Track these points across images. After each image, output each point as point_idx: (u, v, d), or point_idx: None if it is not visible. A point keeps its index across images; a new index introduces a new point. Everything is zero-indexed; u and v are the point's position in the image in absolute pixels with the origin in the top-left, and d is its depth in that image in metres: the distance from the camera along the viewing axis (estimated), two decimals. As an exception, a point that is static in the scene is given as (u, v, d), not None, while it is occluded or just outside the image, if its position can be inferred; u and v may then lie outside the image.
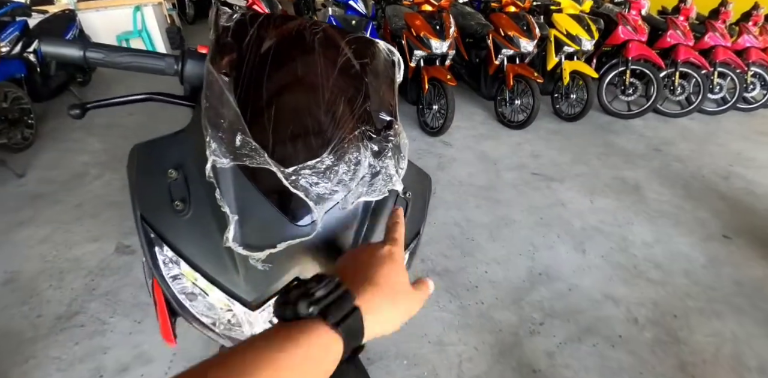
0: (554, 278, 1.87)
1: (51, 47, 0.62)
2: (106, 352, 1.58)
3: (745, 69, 3.55)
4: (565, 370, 1.47)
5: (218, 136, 0.49)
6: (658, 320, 1.69)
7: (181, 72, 0.63)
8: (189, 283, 0.53)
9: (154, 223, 0.53)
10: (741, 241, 2.16)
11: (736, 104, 3.72)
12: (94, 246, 2.12)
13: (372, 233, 0.55)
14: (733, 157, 3.02)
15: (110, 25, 4.75)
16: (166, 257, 0.52)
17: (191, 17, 7.03)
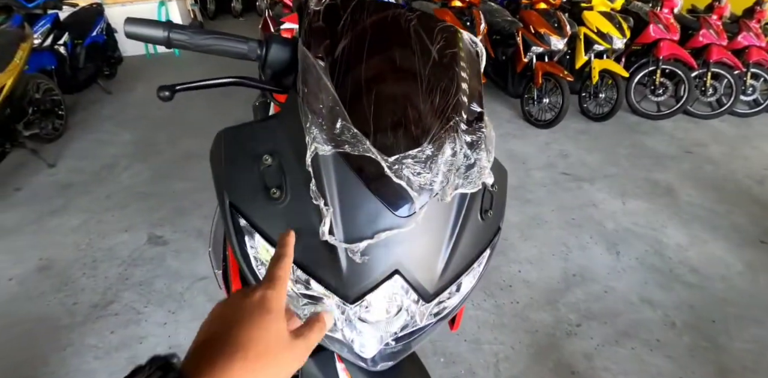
0: (589, 280, 1.85)
1: (135, 28, 0.61)
2: (141, 341, 1.60)
3: (781, 70, 3.45)
4: (604, 372, 1.45)
5: (318, 122, 0.48)
6: (696, 325, 1.66)
7: (264, 57, 0.62)
8: None
9: (246, 210, 0.52)
10: None
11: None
12: (125, 236, 2.14)
13: (465, 227, 0.54)
14: (765, 161, 2.94)
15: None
16: (258, 246, 0.52)
17: (212, 12, 7.07)
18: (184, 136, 3.12)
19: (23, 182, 2.62)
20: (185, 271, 1.92)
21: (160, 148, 2.97)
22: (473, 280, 0.60)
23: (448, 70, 0.58)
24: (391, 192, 0.48)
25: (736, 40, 3.46)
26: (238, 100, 3.79)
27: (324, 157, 0.48)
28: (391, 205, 0.48)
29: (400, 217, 0.48)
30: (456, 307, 0.61)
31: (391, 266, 0.49)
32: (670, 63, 3.32)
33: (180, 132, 3.18)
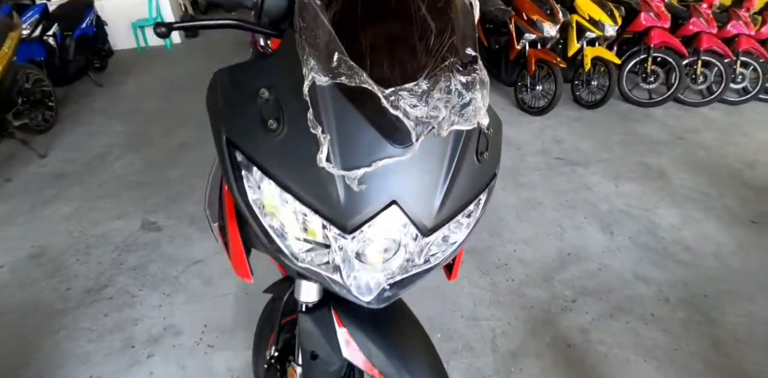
0: (584, 258, 1.86)
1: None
2: (136, 323, 1.59)
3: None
4: (599, 345, 1.46)
5: (315, 54, 0.48)
6: (689, 301, 1.68)
7: (261, 4, 0.62)
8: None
9: (243, 145, 0.51)
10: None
11: (758, 95, 3.66)
12: (119, 223, 2.13)
13: (461, 165, 0.54)
14: (758, 146, 2.98)
15: (126, 12, 4.77)
16: (255, 180, 0.51)
17: (203, 7, 7.02)
18: (178, 127, 3.10)
19: (14, 173, 2.59)
20: (180, 255, 1.91)
21: (153, 139, 2.95)
22: (471, 221, 0.60)
23: (442, 14, 0.58)
24: (388, 123, 0.48)
25: (726, 28, 3.50)
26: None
27: (321, 88, 0.48)
28: (387, 135, 0.48)
29: (397, 147, 0.48)
30: (454, 251, 0.61)
31: (388, 197, 0.49)
32: (661, 51, 3.35)
33: (173, 124, 3.16)
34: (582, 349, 1.45)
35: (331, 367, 0.70)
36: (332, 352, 0.69)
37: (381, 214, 0.49)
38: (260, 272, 1.84)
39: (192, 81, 4.05)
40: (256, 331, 1.05)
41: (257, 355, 1.06)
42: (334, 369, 0.71)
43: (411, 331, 0.73)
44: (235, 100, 0.53)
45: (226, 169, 0.53)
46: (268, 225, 0.53)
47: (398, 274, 0.56)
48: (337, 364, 0.70)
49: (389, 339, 0.68)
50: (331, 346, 0.69)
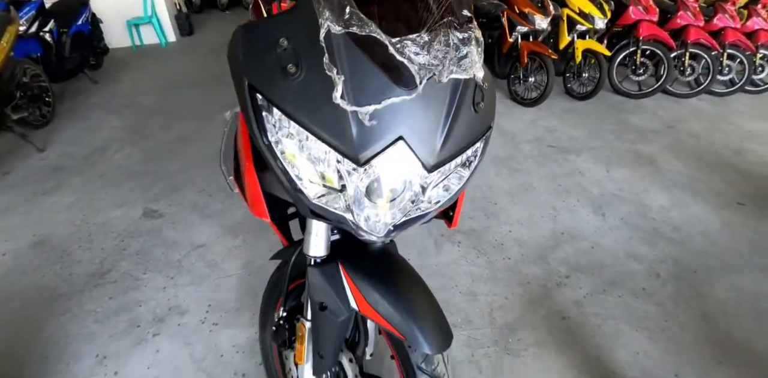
0: (577, 238, 1.92)
1: None
2: (140, 305, 1.62)
3: (755, 51, 3.59)
4: (593, 317, 1.51)
5: (330, 7, 0.53)
6: (679, 276, 1.73)
7: None
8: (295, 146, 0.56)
9: (264, 89, 0.56)
10: (755, 207, 2.21)
11: (744, 86, 3.76)
12: (120, 211, 2.15)
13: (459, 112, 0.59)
14: (744, 135, 3.06)
15: (121, 10, 4.79)
16: (275, 120, 0.55)
17: (197, 6, 7.05)
18: (176, 122, 3.12)
19: (12, 167, 2.60)
20: (182, 240, 1.94)
21: (152, 133, 2.97)
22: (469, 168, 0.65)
23: None
24: (395, 68, 0.54)
25: (713, 22, 3.59)
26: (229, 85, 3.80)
27: (335, 35, 0.53)
28: (394, 79, 0.54)
29: (403, 89, 0.54)
30: (453, 196, 0.66)
31: (395, 133, 0.54)
32: (650, 44, 3.43)
33: (171, 119, 3.18)
34: (576, 322, 1.50)
35: (339, 317, 0.75)
36: (340, 302, 0.74)
37: (389, 148, 0.54)
38: (262, 253, 1.87)
39: (188, 77, 4.09)
40: (264, 297, 1.09)
41: (264, 321, 1.10)
42: (342, 319, 0.75)
43: (411, 282, 0.78)
44: (255, 49, 0.58)
45: (247, 113, 0.57)
46: (288, 163, 0.57)
47: (402, 215, 0.61)
48: (344, 314, 0.75)
49: (392, 288, 0.72)
50: (338, 297, 0.74)
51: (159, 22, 5.08)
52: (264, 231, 1.98)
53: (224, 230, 2.00)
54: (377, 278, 0.73)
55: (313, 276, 0.76)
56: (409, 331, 0.68)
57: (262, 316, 1.11)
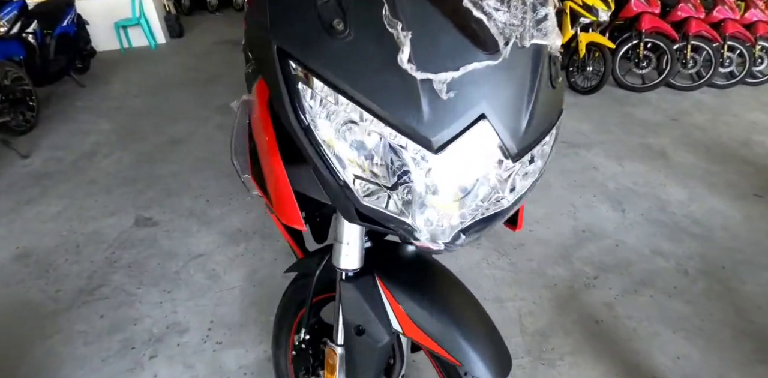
0: (599, 235, 1.83)
1: None
2: (135, 323, 1.49)
3: (754, 42, 3.56)
4: (627, 320, 1.42)
5: None
6: (708, 272, 1.66)
7: None
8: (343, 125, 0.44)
9: (300, 54, 0.43)
10: None
11: (744, 79, 3.72)
12: (111, 220, 2.02)
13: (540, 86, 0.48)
14: (749, 126, 3.02)
15: (108, 12, 4.62)
16: (317, 94, 0.43)
17: (186, 8, 6.88)
18: (168, 123, 2.99)
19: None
20: (179, 249, 1.81)
21: (143, 136, 2.83)
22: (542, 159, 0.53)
23: None
24: (471, 26, 0.42)
25: (713, 14, 3.55)
26: (223, 86, 3.68)
27: None
28: (472, 39, 0.42)
29: (485, 52, 0.42)
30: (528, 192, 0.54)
31: (477, 110, 0.42)
32: (653, 36, 3.37)
33: (163, 120, 3.04)
34: (610, 325, 1.40)
35: (378, 343, 0.63)
36: (380, 324, 0.62)
37: (469, 129, 0.42)
38: (267, 262, 1.75)
39: (180, 79, 3.94)
40: (277, 316, 0.97)
41: (279, 342, 0.98)
42: (383, 344, 0.63)
43: (460, 295, 0.67)
44: (287, 4, 0.45)
45: (277, 87, 0.45)
46: (331, 152, 0.45)
47: (473, 217, 0.49)
48: (385, 339, 0.63)
49: (440, 304, 0.61)
50: (378, 318, 0.62)
51: (148, 24, 4.92)
52: (267, 238, 1.86)
53: (224, 238, 1.88)
54: (422, 292, 0.62)
55: (347, 293, 0.64)
56: (466, 355, 0.57)
57: (276, 337, 0.98)
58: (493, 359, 0.59)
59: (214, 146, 2.65)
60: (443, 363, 0.66)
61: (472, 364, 0.57)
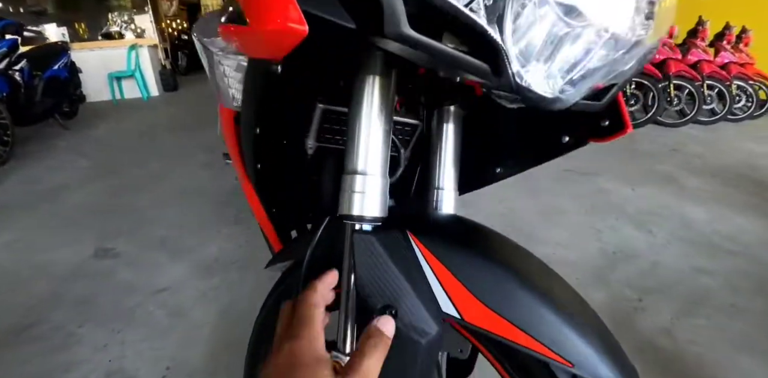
0: (631, 256, 1.62)
1: None
2: (68, 370, 1.16)
3: (731, 81, 3.71)
4: (691, 345, 1.16)
5: None
6: (760, 288, 1.47)
7: None
8: None
9: None
10: None
11: (726, 115, 3.82)
12: (66, 251, 1.75)
13: None
14: (747, 154, 3.01)
15: (103, 63, 4.73)
16: None
17: (183, 68, 7.16)
18: (149, 160, 2.82)
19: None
20: (139, 284, 1.52)
21: (122, 171, 2.64)
22: None
23: None
24: None
25: (687, 57, 3.75)
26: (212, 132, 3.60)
27: None
28: None
29: None
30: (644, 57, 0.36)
31: None
32: (638, 75, 3.50)
33: (144, 157, 2.88)
34: (675, 352, 1.13)
35: (421, 334, 0.38)
36: (421, 303, 0.39)
37: None
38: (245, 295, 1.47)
39: (169, 124, 3.90)
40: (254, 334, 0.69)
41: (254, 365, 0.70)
42: (428, 339, 0.39)
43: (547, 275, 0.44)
44: None
45: None
46: None
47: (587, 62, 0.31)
48: (432, 329, 0.38)
49: (519, 280, 0.39)
50: (417, 293, 0.39)
51: (142, 76, 5.02)
52: (248, 269, 1.59)
53: (197, 270, 1.60)
54: (486, 261, 0.40)
55: (365, 250, 0.40)
56: (579, 352, 0.36)
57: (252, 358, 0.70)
58: (617, 361, 0.37)
59: (197, 181, 2.46)
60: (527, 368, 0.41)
61: (592, 365, 0.35)
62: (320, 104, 0.56)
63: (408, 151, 0.71)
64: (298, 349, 0.32)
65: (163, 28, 7.53)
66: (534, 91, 0.31)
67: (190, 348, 1.23)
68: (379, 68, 0.42)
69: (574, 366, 0.35)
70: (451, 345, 0.51)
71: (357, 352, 0.33)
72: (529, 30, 0.29)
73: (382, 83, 0.42)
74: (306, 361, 0.31)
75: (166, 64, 5.78)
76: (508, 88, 0.31)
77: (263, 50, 0.35)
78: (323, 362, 0.31)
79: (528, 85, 0.31)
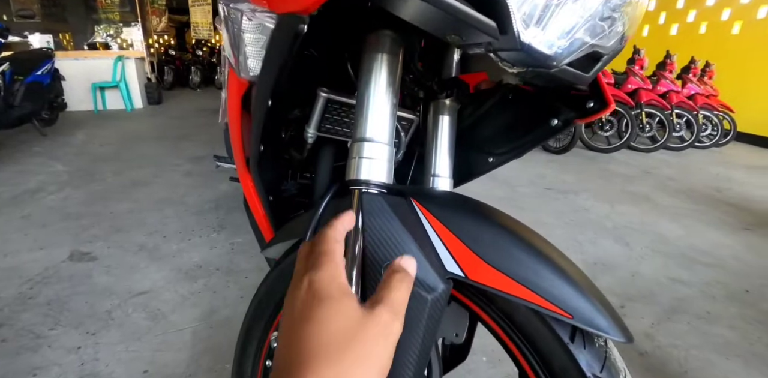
0: (612, 267, 1.67)
1: None
2: (35, 373, 1.09)
3: (697, 111, 3.97)
4: (673, 350, 1.19)
5: None
6: (734, 296, 1.53)
7: None
8: None
9: None
10: (763, 231, 2.16)
11: (694, 143, 4.06)
12: (38, 254, 1.67)
13: None
14: (714, 177, 3.18)
15: (87, 72, 4.67)
16: None
17: (169, 83, 7.16)
18: (131, 168, 2.76)
19: None
20: (117, 287, 1.46)
21: (101, 178, 2.57)
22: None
23: None
24: None
25: (657, 87, 4.01)
26: (196, 142, 3.59)
27: None
28: None
29: None
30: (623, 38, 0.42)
31: None
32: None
33: (126, 165, 2.82)
34: (658, 356, 1.15)
35: (429, 291, 0.39)
36: (427, 262, 0.40)
37: None
38: (232, 300, 1.44)
39: (152, 134, 3.85)
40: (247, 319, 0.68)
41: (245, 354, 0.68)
42: (435, 295, 0.40)
43: (539, 239, 0.47)
44: None
45: None
46: None
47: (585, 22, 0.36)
48: (439, 286, 0.40)
49: (516, 242, 0.41)
50: (424, 252, 0.40)
51: (127, 88, 4.97)
52: (233, 273, 1.56)
53: (179, 274, 1.55)
54: (485, 225, 0.42)
55: (373, 210, 0.42)
56: (577, 303, 0.37)
57: (243, 343, 0.69)
58: (612, 313, 0.38)
59: (180, 189, 2.42)
60: (523, 327, 0.42)
61: (589, 315, 0.37)
62: (323, 93, 0.59)
63: (407, 139, 0.74)
64: (319, 281, 0.29)
65: (150, 44, 7.58)
66: (535, 48, 0.35)
67: (170, 351, 1.17)
68: (388, 47, 0.46)
69: (573, 317, 0.37)
70: (448, 329, 0.53)
71: (383, 286, 0.31)
72: None
73: (390, 60, 0.46)
74: (331, 293, 0.29)
75: (152, 77, 5.77)
76: (513, 45, 0.35)
77: (296, 1, 0.38)
78: (348, 294, 0.29)
79: (529, 43, 0.35)
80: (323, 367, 0.24)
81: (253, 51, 0.54)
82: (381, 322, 0.27)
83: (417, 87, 0.65)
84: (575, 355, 0.38)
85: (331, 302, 0.28)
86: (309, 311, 0.28)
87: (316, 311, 0.27)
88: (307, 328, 0.26)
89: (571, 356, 0.38)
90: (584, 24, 0.37)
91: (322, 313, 0.27)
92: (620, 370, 0.40)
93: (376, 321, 0.27)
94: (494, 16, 0.33)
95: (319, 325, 0.26)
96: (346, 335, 0.26)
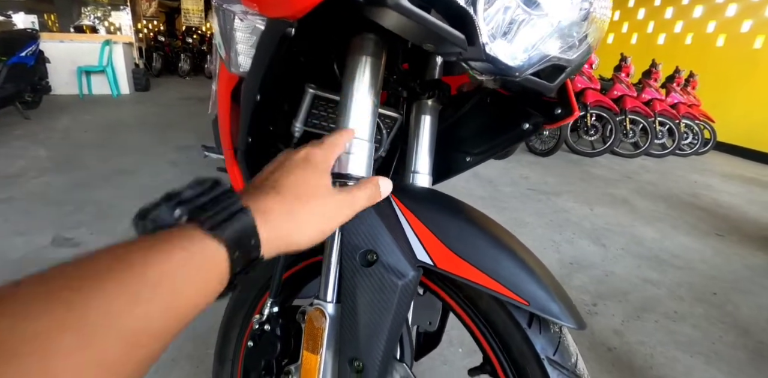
0: (587, 266, 1.73)
1: None
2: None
3: (680, 119, 4.09)
4: (640, 346, 1.25)
5: None
6: (701, 298, 1.61)
7: None
8: None
9: None
10: (733, 237, 2.26)
11: (675, 150, 4.19)
12: (19, 239, 1.65)
13: None
14: (692, 184, 3.29)
15: (73, 56, 4.56)
16: None
17: (157, 70, 7.03)
18: (116, 155, 2.73)
19: None
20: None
21: (85, 164, 2.53)
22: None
23: None
24: None
25: (642, 95, 4.12)
26: (183, 131, 3.55)
27: None
28: None
29: None
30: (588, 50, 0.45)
31: None
32: (597, 108, 3.79)
33: (111, 152, 2.78)
34: (625, 352, 1.21)
35: (398, 277, 0.43)
36: (399, 251, 0.43)
37: None
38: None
39: (139, 121, 3.79)
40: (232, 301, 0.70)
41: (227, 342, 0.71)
42: (405, 281, 0.43)
43: (504, 233, 0.50)
44: None
45: None
46: None
47: (548, 37, 0.40)
48: (409, 273, 0.43)
49: (482, 234, 0.44)
50: (396, 242, 0.44)
51: (114, 73, 4.87)
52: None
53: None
54: (455, 218, 0.45)
55: None
56: (533, 291, 0.40)
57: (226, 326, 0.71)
58: (565, 302, 0.42)
59: (168, 176, 2.41)
60: (487, 315, 0.46)
61: (544, 303, 0.40)
62: (311, 89, 0.61)
63: (390, 137, 0.77)
64: (314, 155, 0.36)
65: (139, 29, 7.41)
66: (499, 59, 0.39)
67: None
68: (371, 49, 0.49)
69: (530, 304, 0.40)
70: (422, 318, 0.57)
71: (355, 185, 0.38)
72: (497, 13, 0.37)
73: (373, 62, 0.49)
74: (316, 164, 0.36)
75: (140, 63, 5.66)
76: (479, 56, 0.38)
77: (285, 7, 0.40)
78: (326, 172, 0.36)
79: (495, 55, 0.38)
80: (287, 198, 0.31)
81: (243, 48, 0.56)
82: (339, 202, 0.35)
83: (401, 87, 0.68)
84: (531, 339, 0.41)
85: (312, 170, 0.34)
86: (293, 167, 0.34)
87: (298, 169, 0.34)
88: (287, 173, 0.34)
89: (527, 341, 0.42)
90: (548, 38, 0.40)
91: (302, 172, 0.34)
92: (572, 354, 0.44)
93: (337, 200, 0.35)
94: (464, 30, 0.37)
95: (296, 176, 0.33)
96: (314, 193, 0.33)
